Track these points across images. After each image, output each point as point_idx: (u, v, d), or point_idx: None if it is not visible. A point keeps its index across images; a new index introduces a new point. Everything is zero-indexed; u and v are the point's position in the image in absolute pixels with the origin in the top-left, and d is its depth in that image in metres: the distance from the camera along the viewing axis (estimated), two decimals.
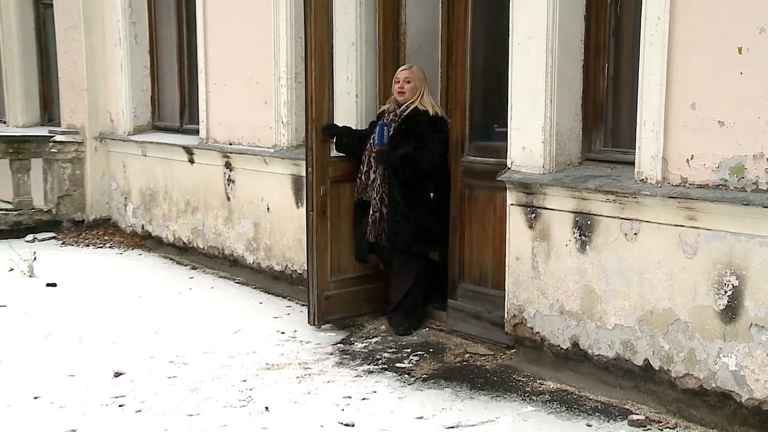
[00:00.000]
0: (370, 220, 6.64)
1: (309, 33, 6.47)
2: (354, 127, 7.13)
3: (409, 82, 6.56)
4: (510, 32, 5.74)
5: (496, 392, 5.43)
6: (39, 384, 5.67)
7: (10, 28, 12.83)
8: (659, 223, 4.94)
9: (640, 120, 5.00)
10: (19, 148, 11.11)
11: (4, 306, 7.65)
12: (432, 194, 6.66)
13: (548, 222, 5.60)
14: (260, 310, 7.57)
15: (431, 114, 6.57)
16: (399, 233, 6.56)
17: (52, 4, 11.75)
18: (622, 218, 5.14)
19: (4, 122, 13.43)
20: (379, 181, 6.61)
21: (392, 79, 7.00)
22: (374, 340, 6.56)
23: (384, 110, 6.83)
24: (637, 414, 4.95)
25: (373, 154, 6.65)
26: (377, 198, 6.62)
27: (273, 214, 8.21)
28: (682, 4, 4.73)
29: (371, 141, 6.68)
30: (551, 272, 5.60)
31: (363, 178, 6.80)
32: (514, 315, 5.87)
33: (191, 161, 9.46)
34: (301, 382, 5.67)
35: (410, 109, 6.56)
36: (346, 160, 6.94)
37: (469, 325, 6.45)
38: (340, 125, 6.96)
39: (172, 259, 9.83)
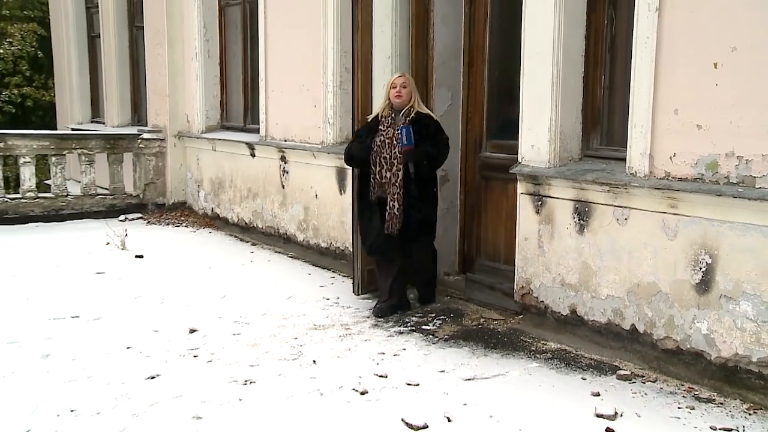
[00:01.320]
0: (392, 213, 6.05)
1: (356, 49, 6.49)
2: None
3: (405, 87, 6.10)
4: (522, 48, 5.73)
5: (506, 351, 5.44)
6: (130, 337, 5.77)
7: (110, 47, 12.91)
8: (646, 210, 4.93)
9: (631, 123, 4.99)
10: (114, 145, 11.27)
11: (103, 273, 7.76)
12: (435, 189, 6.28)
13: (552, 208, 5.59)
14: (309, 280, 7.58)
15: (434, 118, 6.22)
16: (410, 225, 6.06)
17: (143, 27, 11.88)
18: (614, 206, 5.13)
19: (103, 123, 13.54)
20: (399, 178, 6.00)
21: (422, 87, 6.97)
22: None
23: (379, 114, 6.26)
24: (624, 369, 4.96)
25: (400, 155, 5.97)
26: (399, 193, 6.01)
27: (320, 199, 8.24)
28: (667, 26, 4.72)
29: (379, 142, 6.10)
30: (554, 251, 5.59)
31: (378, 177, 6.14)
32: (522, 286, 5.88)
33: (252, 155, 9.50)
34: (343, 340, 5.70)
35: (414, 112, 6.08)
36: None
37: (484, 295, 6.47)
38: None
39: (236, 237, 9.86)
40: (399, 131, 5.94)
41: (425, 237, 6.26)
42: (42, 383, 4.89)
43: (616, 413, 4.27)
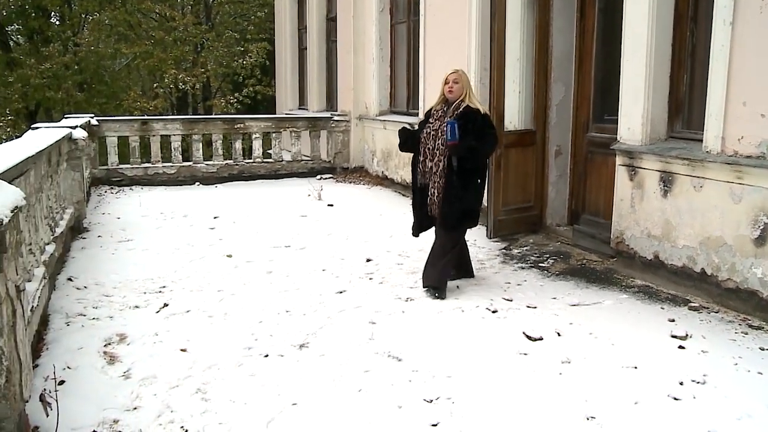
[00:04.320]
0: (432, 199, 5.16)
1: (493, 53, 6.44)
2: (518, 112, 7.00)
3: (456, 82, 5.12)
4: (621, 52, 5.60)
5: (602, 285, 5.41)
6: (325, 263, 6.05)
7: (313, 56, 13.25)
8: (717, 180, 4.78)
9: (708, 112, 4.82)
10: (314, 124, 11.69)
11: (305, 216, 8.12)
12: (479, 181, 5.20)
13: (643, 177, 5.48)
14: None
15: (482, 112, 5.09)
16: (452, 213, 5.10)
17: (336, 41, 12.13)
18: (692, 176, 5.00)
19: (306, 109, 13.95)
20: (440, 168, 5.06)
21: (543, 82, 6.94)
22: (525, 248, 6.53)
23: (432, 108, 5.29)
24: (693, 302, 4.88)
25: (442, 146, 5.04)
26: (438, 182, 5.09)
27: None
28: (738, 37, 4.52)
29: (425, 134, 5.18)
30: (643, 209, 5.50)
31: (421, 167, 5.21)
32: (617, 236, 5.81)
33: None
34: (479, 271, 5.72)
35: (463, 106, 5.06)
36: (512, 134, 6.81)
37: (587, 241, 6.41)
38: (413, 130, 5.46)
39: (399, 193, 9.93)
40: (445, 126, 4.99)
41: (466, 226, 5.28)
42: (267, 291, 5.27)
43: (686, 335, 4.24)
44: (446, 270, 5.24)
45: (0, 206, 2.61)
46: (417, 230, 5.44)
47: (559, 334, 4.31)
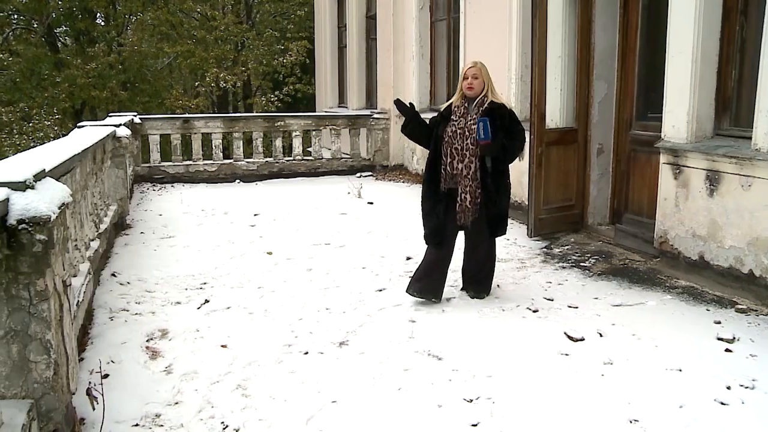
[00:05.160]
0: (464, 205, 4.70)
1: (534, 51, 6.39)
2: (560, 110, 6.87)
3: (476, 77, 4.71)
4: (666, 49, 5.48)
5: (646, 285, 5.31)
6: (365, 260, 6.06)
7: (352, 54, 13.31)
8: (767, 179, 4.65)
9: (757, 109, 4.69)
10: (354, 122, 11.76)
11: (345, 214, 8.15)
12: (509, 180, 4.88)
13: (688, 175, 5.36)
14: None
15: (508, 108, 4.79)
16: (490, 221, 4.77)
17: (375, 39, 12.18)
18: (740, 174, 4.86)
19: (346, 107, 14.05)
20: (471, 171, 4.64)
21: (585, 80, 6.82)
22: (566, 247, 6.45)
23: (452, 103, 4.86)
24: (741, 305, 4.74)
25: (472, 146, 4.64)
26: (471, 186, 4.66)
27: None
28: None
29: (451, 132, 4.72)
30: (688, 209, 5.37)
31: (449, 168, 4.71)
32: (661, 236, 5.69)
33: None
34: (519, 270, 5.74)
35: (488, 102, 4.69)
36: (553, 132, 6.70)
37: (629, 241, 6.30)
38: (416, 109, 5.05)
39: None
40: (476, 124, 4.58)
41: (502, 232, 4.93)
42: (307, 288, 5.29)
43: (733, 337, 4.14)
44: (492, 273, 5.15)
45: (48, 203, 2.67)
46: (430, 238, 4.91)
47: (601, 335, 4.24)
